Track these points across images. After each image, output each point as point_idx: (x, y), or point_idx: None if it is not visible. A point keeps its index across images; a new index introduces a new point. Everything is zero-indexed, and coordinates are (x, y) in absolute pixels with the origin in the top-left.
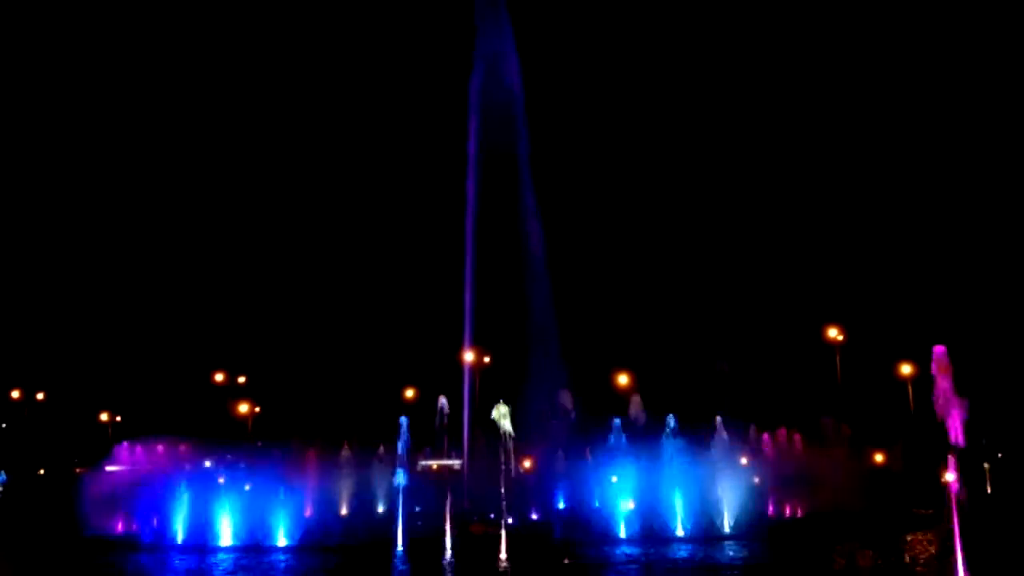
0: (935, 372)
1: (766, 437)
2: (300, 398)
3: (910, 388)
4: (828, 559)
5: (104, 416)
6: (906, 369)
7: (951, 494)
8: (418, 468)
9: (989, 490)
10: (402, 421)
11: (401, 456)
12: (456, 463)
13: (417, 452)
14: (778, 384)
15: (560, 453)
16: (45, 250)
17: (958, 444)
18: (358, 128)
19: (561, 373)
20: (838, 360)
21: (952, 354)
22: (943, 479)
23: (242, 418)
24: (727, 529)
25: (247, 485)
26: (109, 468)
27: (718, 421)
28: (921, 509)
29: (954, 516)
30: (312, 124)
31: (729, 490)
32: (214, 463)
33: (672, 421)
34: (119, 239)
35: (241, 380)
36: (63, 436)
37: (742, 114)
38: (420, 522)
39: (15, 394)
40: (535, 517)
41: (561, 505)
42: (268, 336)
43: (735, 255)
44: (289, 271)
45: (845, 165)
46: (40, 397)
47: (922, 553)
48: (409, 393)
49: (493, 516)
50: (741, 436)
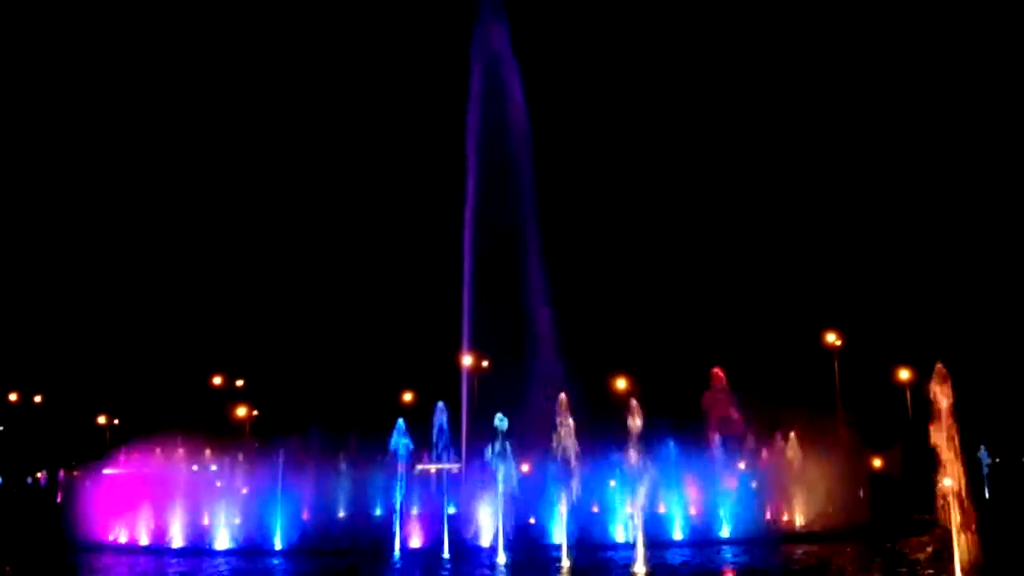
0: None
1: (763, 442)
2: (298, 401)
3: (908, 393)
4: (827, 563)
5: (102, 419)
6: (904, 374)
7: (949, 499)
8: (416, 471)
9: (987, 495)
10: (399, 424)
11: (400, 459)
12: (454, 466)
13: (415, 455)
14: (776, 389)
15: (559, 456)
16: (43, 252)
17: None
18: (355, 134)
19: (560, 377)
20: (836, 365)
21: (949, 359)
22: (941, 485)
23: (240, 421)
24: (725, 534)
25: (244, 488)
26: (107, 471)
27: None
28: (920, 514)
29: (952, 522)
30: (311, 130)
31: (726, 495)
32: (211, 466)
33: (672, 445)
34: (117, 241)
35: (239, 383)
36: (61, 439)
37: (741, 117)
38: (418, 525)
39: (13, 396)
40: (533, 521)
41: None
42: (266, 339)
43: (733, 259)
44: (287, 274)
45: (844, 170)
46: (38, 400)
47: (921, 557)
48: (407, 397)
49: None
50: (739, 441)
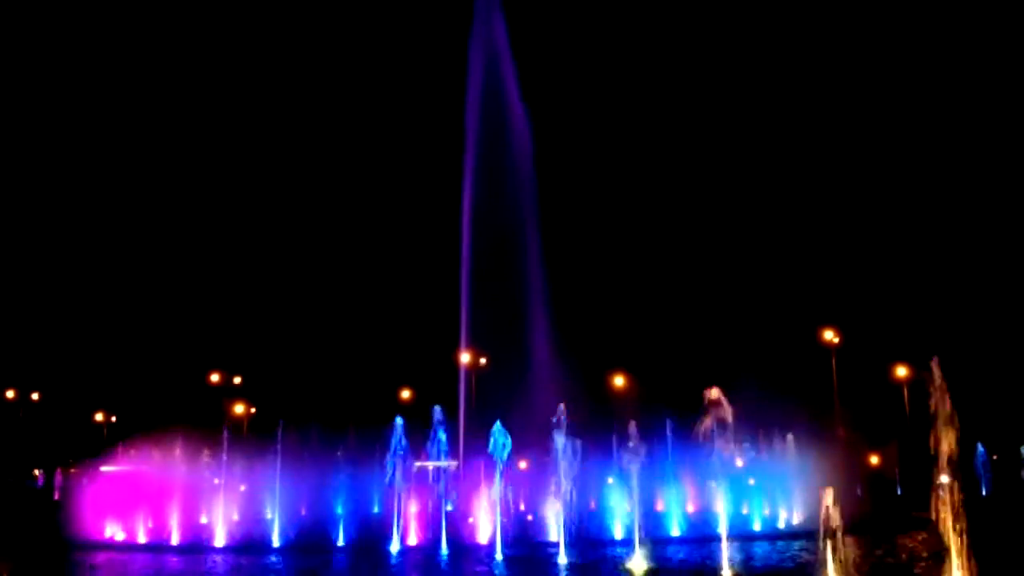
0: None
1: (761, 439)
2: (296, 398)
3: (905, 391)
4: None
5: (99, 416)
6: (901, 372)
7: (946, 497)
8: (414, 468)
9: (984, 492)
10: (397, 421)
11: (397, 456)
12: (452, 464)
13: (413, 453)
14: (773, 386)
15: (556, 454)
16: (40, 250)
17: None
18: (353, 131)
19: (557, 374)
20: (834, 362)
21: (946, 356)
22: (938, 482)
23: (238, 418)
24: (722, 530)
25: (243, 486)
26: (104, 468)
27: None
28: (917, 511)
29: (950, 518)
30: (310, 128)
31: (724, 492)
32: (209, 463)
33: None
34: (115, 239)
35: (237, 380)
36: (58, 436)
37: (738, 115)
38: (416, 522)
39: (10, 394)
40: (530, 518)
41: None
42: (264, 336)
43: (731, 256)
44: (285, 272)
45: (840, 167)
46: (35, 397)
47: (918, 554)
48: (405, 394)
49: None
50: (736, 438)
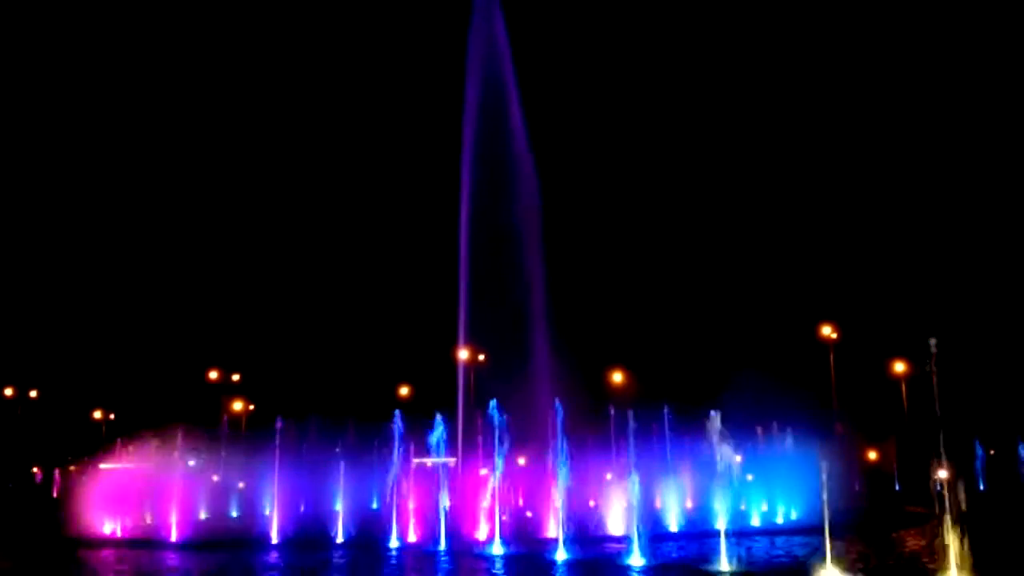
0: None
1: (760, 434)
2: (295, 395)
3: (903, 386)
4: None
5: (98, 414)
6: (899, 367)
7: (943, 491)
8: (413, 465)
9: (982, 487)
10: (396, 415)
11: (396, 452)
12: (451, 460)
13: (411, 449)
14: (772, 382)
15: (554, 451)
16: (38, 248)
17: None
18: (351, 128)
19: (556, 370)
20: (832, 358)
21: (943, 352)
22: (935, 477)
23: (236, 416)
24: (720, 526)
25: (241, 483)
26: (103, 466)
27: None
28: (914, 507)
29: (946, 513)
30: (307, 124)
31: (722, 487)
32: (208, 461)
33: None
34: (113, 237)
35: (236, 377)
36: (56, 434)
37: (737, 112)
38: (415, 518)
39: (8, 392)
40: (529, 514)
41: (557, 503)
42: (263, 333)
43: (729, 253)
44: (283, 269)
45: (839, 163)
46: (33, 395)
47: (915, 549)
48: (404, 391)
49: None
50: (735, 433)
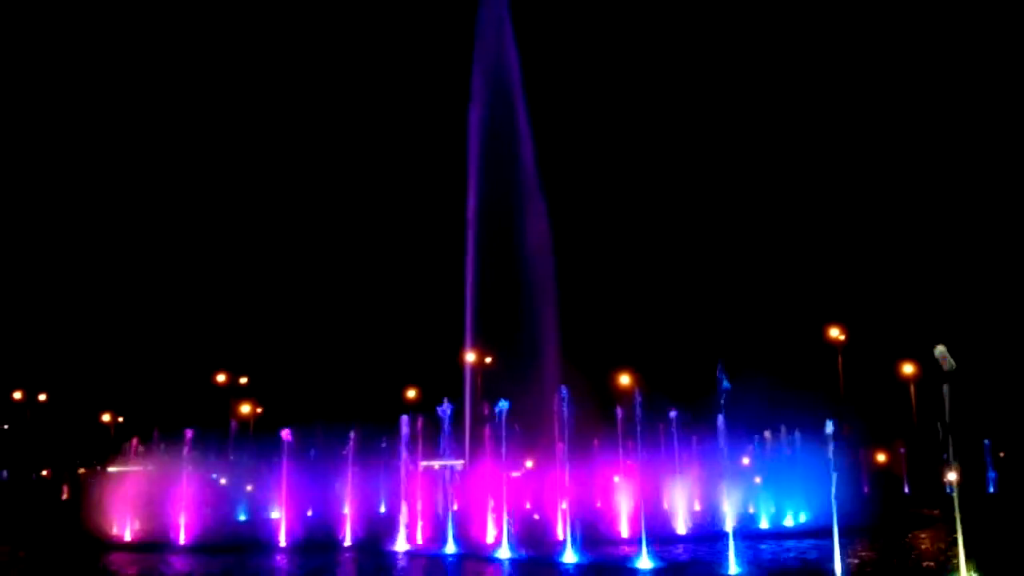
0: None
1: (767, 437)
2: (302, 398)
3: (912, 388)
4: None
5: (106, 417)
6: (908, 369)
7: (953, 493)
8: (420, 467)
9: (992, 489)
10: (403, 420)
11: (404, 455)
12: (458, 463)
13: (419, 451)
14: (780, 384)
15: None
16: (47, 251)
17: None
18: (359, 130)
19: (564, 372)
20: (840, 360)
21: (953, 354)
22: (945, 479)
23: (244, 419)
24: (729, 529)
25: (249, 486)
26: (111, 469)
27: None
28: (925, 509)
29: (957, 515)
30: (314, 126)
31: (730, 490)
32: (216, 464)
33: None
34: (121, 240)
35: (243, 380)
36: (65, 437)
37: (744, 112)
38: (422, 521)
39: (17, 395)
40: (537, 517)
41: (563, 505)
42: (270, 336)
43: (737, 254)
44: (291, 272)
45: (846, 163)
46: (42, 398)
47: (925, 551)
48: (411, 393)
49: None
50: (743, 436)
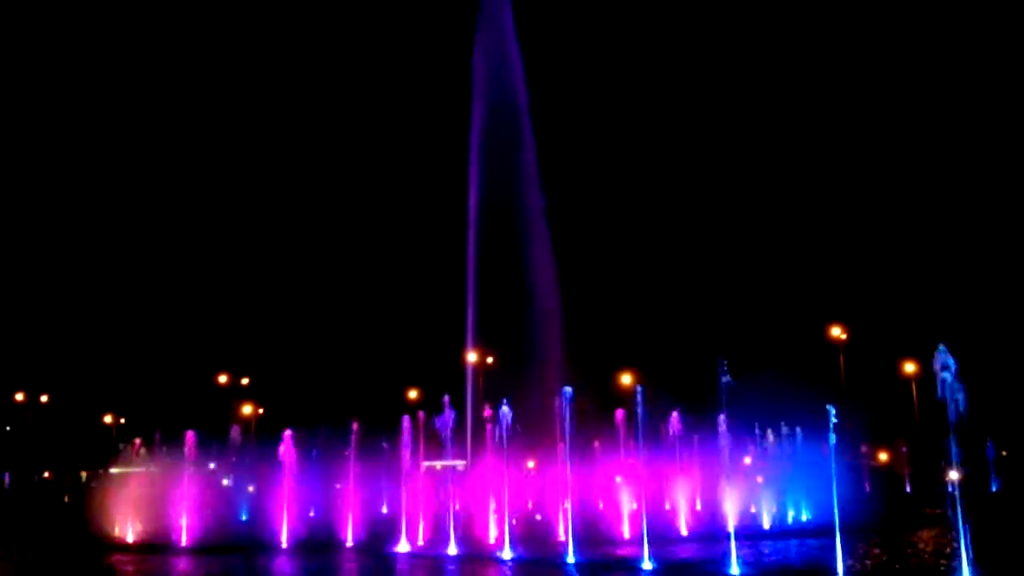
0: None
1: (769, 436)
2: (304, 398)
3: (914, 387)
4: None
5: (108, 418)
6: (910, 368)
7: (956, 492)
8: (422, 468)
9: (994, 488)
10: (405, 421)
11: (406, 456)
12: (460, 463)
13: (421, 452)
14: (781, 383)
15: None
16: (48, 252)
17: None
18: (360, 130)
19: (565, 373)
20: (841, 359)
21: (955, 352)
22: (947, 478)
23: (246, 420)
24: (730, 529)
25: (251, 487)
26: (114, 470)
27: (721, 420)
28: (927, 508)
29: (959, 514)
30: (314, 126)
31: (733, 489)
32: (218, 465)
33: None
34: (122, 241)
35: (245, 381)
36: (67, 438)
37: (745, 112)
38: (424, 521)
39: (19, 396)
40: (538, 517)
41: (566, 505)
42: (272, 337)
43: (738, 254)
44: (292, 273)
45: (848, 162)
46: (44, 399)
47: (927, 551)
48: (413, 394)
49: (497, 515)
50: (745, 435)
